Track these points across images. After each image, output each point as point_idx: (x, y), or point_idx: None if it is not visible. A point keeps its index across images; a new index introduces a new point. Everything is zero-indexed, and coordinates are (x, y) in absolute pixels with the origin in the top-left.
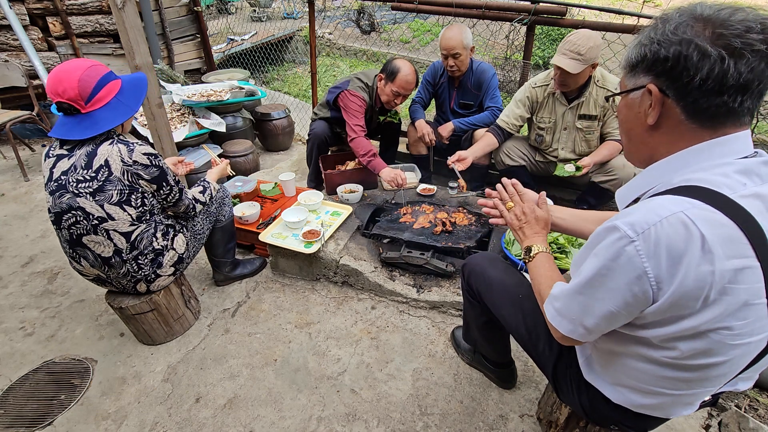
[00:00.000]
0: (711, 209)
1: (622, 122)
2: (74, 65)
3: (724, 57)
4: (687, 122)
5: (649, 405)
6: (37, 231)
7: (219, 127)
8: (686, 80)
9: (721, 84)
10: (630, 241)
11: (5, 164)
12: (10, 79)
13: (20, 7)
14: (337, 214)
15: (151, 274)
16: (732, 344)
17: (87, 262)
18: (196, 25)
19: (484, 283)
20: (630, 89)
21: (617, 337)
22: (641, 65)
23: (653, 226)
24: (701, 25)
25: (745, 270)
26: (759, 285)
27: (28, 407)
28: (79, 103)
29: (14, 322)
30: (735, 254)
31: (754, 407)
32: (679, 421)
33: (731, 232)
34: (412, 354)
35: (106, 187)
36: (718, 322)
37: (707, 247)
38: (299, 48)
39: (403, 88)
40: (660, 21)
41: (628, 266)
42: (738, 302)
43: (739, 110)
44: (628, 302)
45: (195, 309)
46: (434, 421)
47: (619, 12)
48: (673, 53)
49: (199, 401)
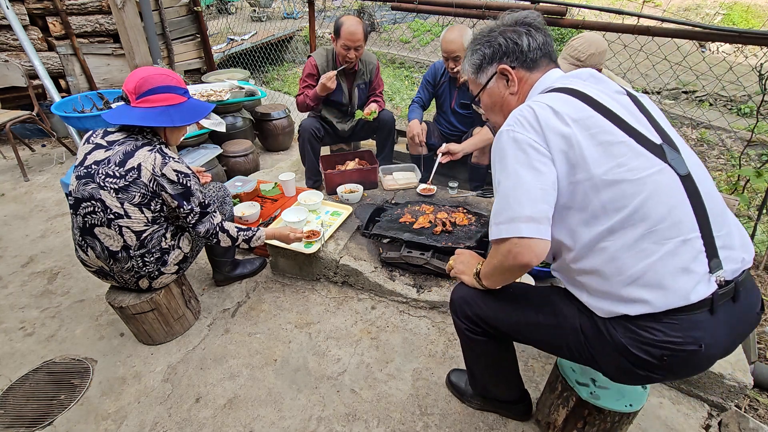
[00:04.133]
0: (553, 93)
1: (493, 106)
2: (152, 69)
3: (530, 30)
4: (528, 73)
5: (647, 282)
6: (37, 231)
7: (219, 127)
8: (519, 51)
9: (536, 44)
10: (512, 130)
11: (5, 164)
12: (10, 79)
13: (20, 7)
14: (337, 214)
15: (155, 271)
16: (632, 180)
17: (93, 253)
18: (196, 25)
19: (485, 305)
20: (487, 81)
21: (574, 240)
22: (485, 62)
23: (520, 115)
24: (508, 24)
25: (590, 118)
26: (609, 126)
27: (28, 407)
28: (131, 96)
29: (14, 322)
30: (578, 111)
31: (754, 407)
32: (679, 421)
33: (569, 99)
34: (412, 354)
35: (131, 188)
36: (602, 165)
37: (557, 112)
38: (299, 48)
39: (349, 40)
40: (480, 34)
41: (521, 142)
42: (602, 141)
43: (551, 54)
44: (538, 168)
45: (195, 309)
46: (434, 421)
47: (619, 12)
48: (502, 42)
49: (199, 401)
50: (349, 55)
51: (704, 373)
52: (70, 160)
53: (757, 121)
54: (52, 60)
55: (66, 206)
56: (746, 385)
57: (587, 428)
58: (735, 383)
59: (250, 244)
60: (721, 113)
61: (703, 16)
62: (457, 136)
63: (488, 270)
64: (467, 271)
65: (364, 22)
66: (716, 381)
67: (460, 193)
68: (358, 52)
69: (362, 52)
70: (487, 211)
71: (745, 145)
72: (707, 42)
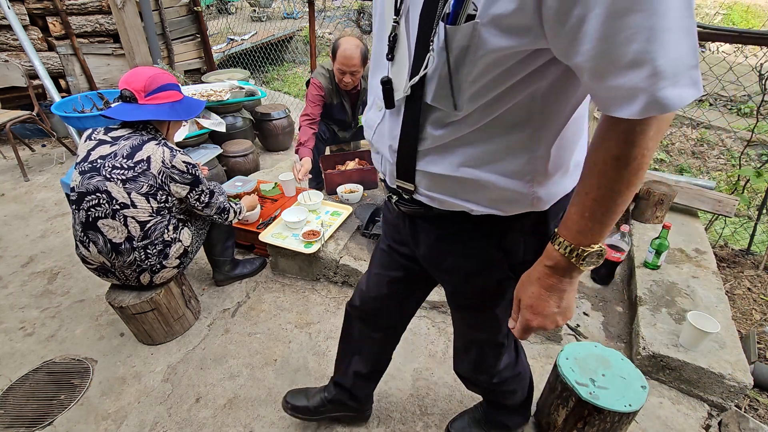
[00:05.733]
0: None
1: None
2: (152, 69)
3: None
4: None
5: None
6: (37, 231)
7: (219, 127)
8: None
9: None
10: None
11: (5, 164)
12: (10, 79)
13: (20, 7)
14: (337, 214)
15: (157, 264)
16: None
17: (95, 248)
18: (196, 25)
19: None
20: None
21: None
22: None
23: None
24: None
25: None
26: None
27: (28, 407)
28: (140, 94)
29: (14, 322)
30: None
31: (754, 407)
32: (679, 421)
33: None
34: (412, 354)
35: (140, 179)
36: None
37: None
38: (299, 48)
39: (344, 64)
40: None
41: None
42: None
43: None
44: None
45: (195, 309)
46: (434, 421)
47: None
48: None
49: (199, 401)
50: (345, 79)
51: (704, 373)
52: (70, 160)
53: (757, 121)
54: (52, 60)
55: (66, 206)
56: (746, 385)
57: (587, 428)
58: (735, 383)
59: (239, 216)
60: (721, 113)
61: (703, 16)
62: None
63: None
64: (547, 305)
65: (363, 45)
66: (716, 381)
67: None
68: (354, 77)
69: (359, 76)
70: None
71: (745, 145)
72: (707, 42)
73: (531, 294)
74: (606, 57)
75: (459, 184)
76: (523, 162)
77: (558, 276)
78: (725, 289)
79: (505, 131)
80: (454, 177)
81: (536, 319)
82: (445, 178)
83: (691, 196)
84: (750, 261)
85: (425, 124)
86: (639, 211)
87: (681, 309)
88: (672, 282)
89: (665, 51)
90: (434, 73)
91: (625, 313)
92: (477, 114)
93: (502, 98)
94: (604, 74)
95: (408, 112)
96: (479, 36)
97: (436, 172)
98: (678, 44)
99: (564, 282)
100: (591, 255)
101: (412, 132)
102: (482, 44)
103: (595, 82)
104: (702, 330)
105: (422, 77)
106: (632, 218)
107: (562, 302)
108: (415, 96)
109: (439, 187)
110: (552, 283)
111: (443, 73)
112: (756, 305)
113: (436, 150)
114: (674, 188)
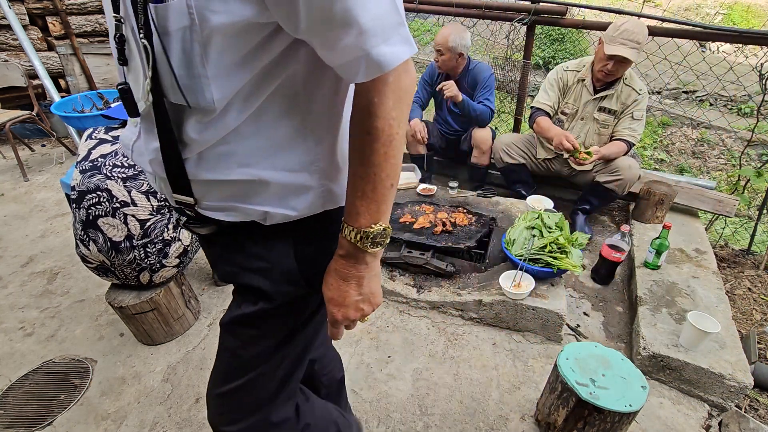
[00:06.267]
0: None
1: None
2: None
3: None
4: None
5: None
6: (37, 231)
7: None
8: None
9: None
10: None
11: (5, 164)
12: (9, 79)
13: (20, 7)
14: None
15: (157, 263)
16: None
17: (95, 246)
18: None
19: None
20: None
21: None
22: None
23: None
24: None
25: None
26: None
27: (28, 407)
28: None
29: (14, 322)
30: None
31: (754, 407)
32: (679, 421)
33: None
34: (412, 354)
35: (140, 177)
36: None
37: None
38: None
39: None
40: None
41: None
42: None
43: None
44: None
45: (195, 309)
46: (434, 421)
47: (619, 12)
48: None
49: (199, 401)
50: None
51: (704, 374)
52: (69, 160)
53: (757, 121)
54: (51, 60)
55: (66, 206)
56: (746, 385)
57: (587, 428)
58: (735, 383)
59: None
60: (722, 113)
61: (703, 16)
62: (454, 135)
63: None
64: (348, 295)
65: None
66: (716, 381)
67: (460, 193)
68: None
69: None
70: (487, 210)
71: (746, 145)
72: (707, 42)
73: (330, 286)
74: (319, 21)
75: (241, 187)
76: (301, 153)
77: (351, 263)
78: (725, 289)
79: (274, 122)
80: (233, 180)
81: (339, 310)
82: (223, 184)
83: (692, 196)
84: (750, 261)
85: (184, 127)
86: (639, 211)
87: (681, 309)
88: (672, 282)
89: (365, 9)
90: (163, 66)
91: (625, 313)
92: (237, 107)
93: (259, 86)
94: (326, 41)
95: (159, 118)
96: (196, 11)
97: (212, 179)
98: (378, 1)
99: (360, 269)
100: (376, 236)
101: (171, 139)
102: (204, 21)
103: (326, 51)
104: (702, 330)
105: (155, 74)
106: (632, 218)
107: (362, 288)
108: (160, 99)
109: (222, 195)
110: (348, 272)
111: (170, 62)
112: (756, 305)
113: (206, 154)
114: (674, 188)
